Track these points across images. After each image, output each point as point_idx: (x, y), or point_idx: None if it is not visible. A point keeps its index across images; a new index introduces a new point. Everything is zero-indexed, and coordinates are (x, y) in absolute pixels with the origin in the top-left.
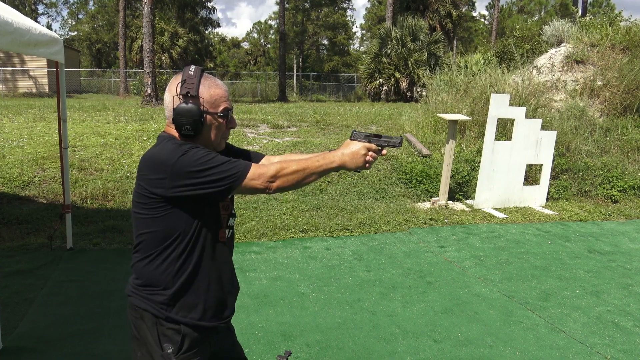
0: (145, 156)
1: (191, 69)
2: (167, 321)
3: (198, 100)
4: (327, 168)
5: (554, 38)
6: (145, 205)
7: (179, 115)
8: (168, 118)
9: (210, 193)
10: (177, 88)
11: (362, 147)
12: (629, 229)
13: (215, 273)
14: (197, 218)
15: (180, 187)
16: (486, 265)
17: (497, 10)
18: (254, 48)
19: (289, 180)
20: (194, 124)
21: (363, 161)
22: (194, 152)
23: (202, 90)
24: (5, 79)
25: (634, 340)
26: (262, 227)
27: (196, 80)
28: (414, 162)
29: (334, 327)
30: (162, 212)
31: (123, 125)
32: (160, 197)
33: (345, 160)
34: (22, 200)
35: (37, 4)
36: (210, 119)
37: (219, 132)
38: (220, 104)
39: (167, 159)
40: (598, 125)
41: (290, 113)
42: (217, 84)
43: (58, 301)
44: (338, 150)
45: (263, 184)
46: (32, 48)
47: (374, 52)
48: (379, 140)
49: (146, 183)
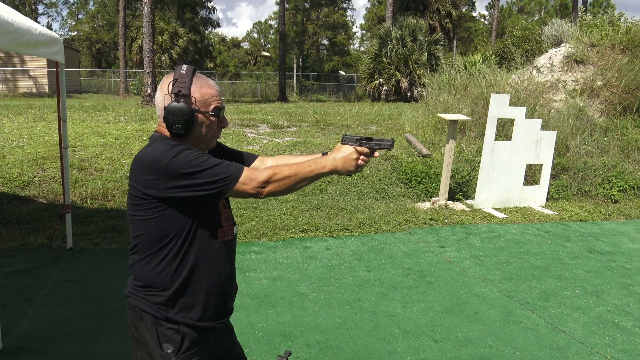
0: (137, 157)
1: (183, 68)
2: (166, 321)
3: (189, 99)
4: (319, 173)
5: (554, 38)
6: (139, 206)
7: (170, 114)
8: (160, 117)
9: (202, 195)
10: (169, 87)
11: (353, 151)
12: (629, 229)
13: (214, 273)
14: (193, 218)
15: (173, 189)
16: (486, 265)
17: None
18: (253, 48)
19: (280, 185)
20: (185, 123)
21: (355, 165)
22: (186, 154)
23: (193, 90)
24: (5, 79)
25: (634, 340)
26: (262, 227)
27: (188, 79)
28: (414, 162)
29: (334, 327)
30: (157, 213)
31: (123, 125)
32: (154, 198)
33: (337, 165)
34: (22, 200)
35: (37, 4)
36: (201, 118)
37: (210, 131)
38: (212, 103)
39: (159, 160)
40: (598, 125)
41: (290, 113)
42: (209, 84)
43: (58, 301)
44: (330, 155)
45: (254, 189)
46: (32, 48)
47: (374, 52)
48: (370, 143)
49: (139, 184)
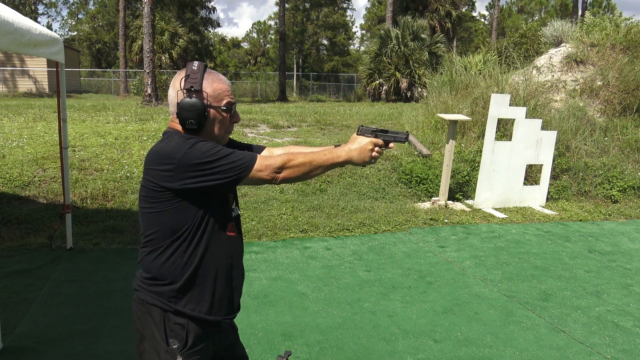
0: (152, 150)
1: (194, 64)
2: (174, 314)
3: (201, 95)
4: (333, 162)
5: (554, 38)
6: (153, 199)
7: (183, 109)
8: (172, 113)
9: (218, 185)
10: (181, 83)
11: (369, 142)
12: (629, 229)
13: (223, 266)
14: (206, 211)
15: (188, 180)
16: (486, 265)
17: (497, 10)
18: (253, 48)
19: (295, 172)
20: (198, 118)
21: (370, 156)
22: (201, 145)
23: (205, 85)
24: (5, 79)
25: (634, 340)
26: (262, 227)
27: (199, 75)
28: (414, 162)
29: (334, 327)
30: (171, 206)
31: (123, 125)
32: (168, 191)
33: (353, 155)
34: (22, 200)
35: (37, 4)
36: (213, 113)
37: (222, 126)
38: (224, 98)
39: (174, 152)
40: (598, 125)
41: (290, 113)
42: (220, 79)
43: (58, 301)
44: (345, 146)
45: (270, 174)
46: (32, 48)
47: (374, 52)
48: (386, 135)
49: (153, 177)
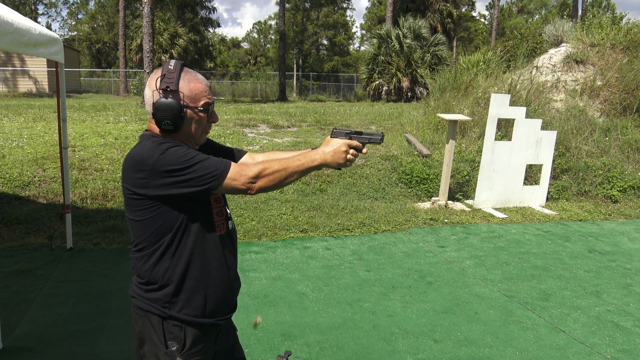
0: (127, 156)
1: (171, 63)
2: (170, 319)
3: (178, 95)
4: (308, 167)
5: (554, 38)
6: (134, 207)
7: (159, 109)
8: (149, 113)
9: (191, 192)
10: (157, 82)
11: (342, 144)
12: (629, 229)
13: (216, 267)
14: (188, 214)
15: (161, 187)
16: (486, 265)
17: (497, 10)
18: (253, 48)
19: (271, 180)
20: (174, 119)
21: (344, 159)
22: (174, 151)
23: (182, 85)
24: (5, 79)
25: (634, 340)
26: (262, 227)
27: (176, 74)
28: (414, 162)
29: (334, 327)
30: (151, 213)
31: (123, 125)
32: (145, 197)
33: (327, 158)
34: (22, 200)
35: (37, 4)
36: (190, 114)
37: (199, 127)
38: (201, 99)
39: (146, 158)
40: (598, 125)
41: (290, 113)
42: (197, 79)
43: (58, 301)
44: (319, 149)
45: (244, 184)
46: (32, 48)
47: (374, 52)
48: (360, 137)
49: (130, 183)
